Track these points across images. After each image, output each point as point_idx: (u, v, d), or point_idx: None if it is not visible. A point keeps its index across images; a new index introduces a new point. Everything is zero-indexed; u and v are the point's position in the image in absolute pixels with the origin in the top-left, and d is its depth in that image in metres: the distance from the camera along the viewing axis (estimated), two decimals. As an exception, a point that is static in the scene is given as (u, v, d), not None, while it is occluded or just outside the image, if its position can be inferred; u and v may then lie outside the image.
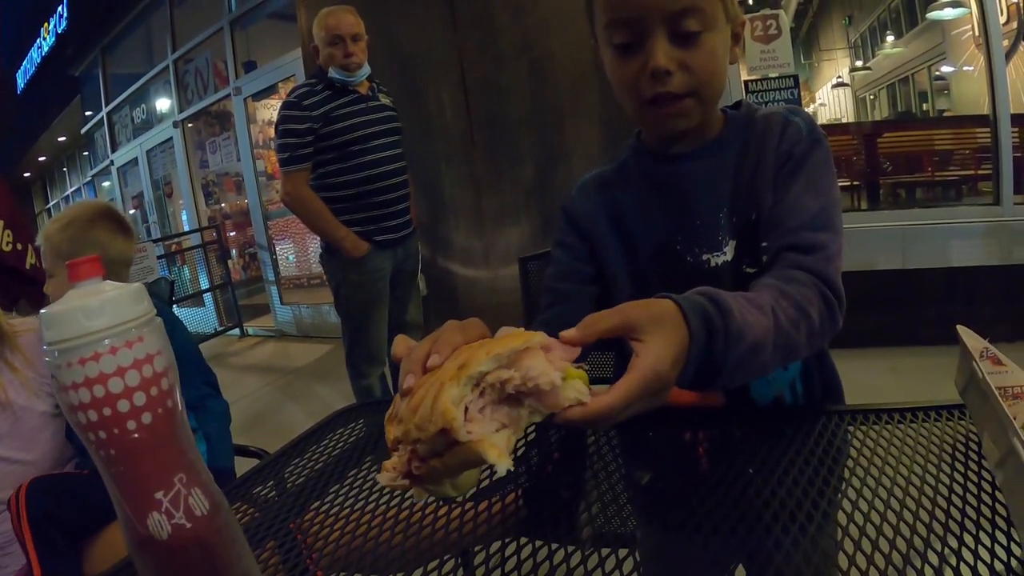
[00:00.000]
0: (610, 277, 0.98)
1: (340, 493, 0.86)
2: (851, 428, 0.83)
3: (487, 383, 0.54)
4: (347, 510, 0.81)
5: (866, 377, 2.94)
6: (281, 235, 6.22)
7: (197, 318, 6.70)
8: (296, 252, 6.16)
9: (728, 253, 0.90)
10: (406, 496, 0.81)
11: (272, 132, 6.32)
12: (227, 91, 6.35)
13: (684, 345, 0.61)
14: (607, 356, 1.44)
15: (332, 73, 2.65)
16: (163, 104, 7.86)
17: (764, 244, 0.87)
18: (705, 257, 0.91)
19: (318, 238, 2.79)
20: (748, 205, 0.89)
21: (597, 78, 3.99)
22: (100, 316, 0.48)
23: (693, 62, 0.81)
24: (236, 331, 6.59)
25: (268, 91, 6.23)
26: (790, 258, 0.81)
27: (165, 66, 7.32)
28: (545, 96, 4.17)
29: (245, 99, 6.18)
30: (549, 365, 0.55)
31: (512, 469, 0.51)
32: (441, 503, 0.79)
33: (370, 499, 0.83)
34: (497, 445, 0.52)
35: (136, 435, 0.49)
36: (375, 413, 1.16)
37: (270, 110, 6.57)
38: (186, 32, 7.04)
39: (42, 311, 0.48)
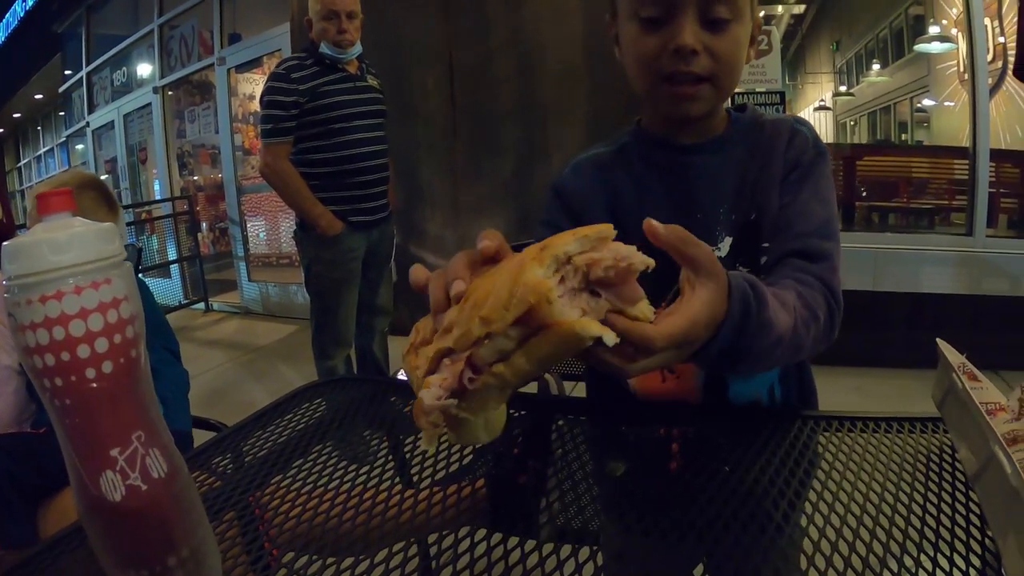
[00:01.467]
0: None
1: (303, 469, 0.84)
2: (826, 434, 0.84)
3: (573, 266, 0.49)
4: (309, 486, 0.80)
5: (832, 394, 2.94)
6: (253, 211, 6.11)
7: (162, 289, 6.57)
8: (267, 229, 6.06)
9: (723, 249, 0.90)
10: (372, 475, 0.79)
11: (253, 106, 6.26)
12: (211, 60, 6.22)
13: (721, 315, 0.60)
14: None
15: (323, 48, 2.61)
16: (144, 69, 7.67)
17: (765, 245, 0.87)
18: None
19: (291, 216, 2.77)
20: (750, 205, 0.89)
21: (586, 76, 4.00)
22: (67, 251, 0.45)
23: (718, 48, 0.81)
24: (201, 305, 6.48)
25: (252, 64, 6.13)
26: (798, 264, 0.82)
27: (150, 30, 7.13)
28: (532, 91, 4.17)
29: (228, 70, 6.07)
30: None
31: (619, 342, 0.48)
32: (401, 488, 0.77)
33: (334, 476, 0.81)
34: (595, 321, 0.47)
35: (94, 384, 0.46)
36: (339, 392, 1.14)
37: (252, 84, 6.47)
38: None
39: (4, 243, 0.45)
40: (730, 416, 0.92)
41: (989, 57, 4.77)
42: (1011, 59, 3.64)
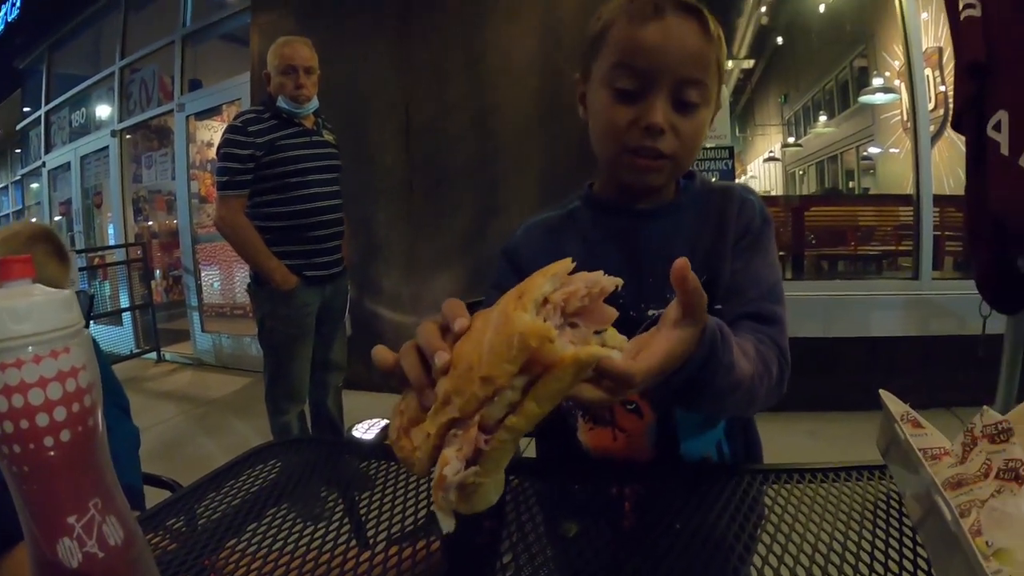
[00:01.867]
0: None
1: (257, 532, 0.82)
2: (774, 487, 0.85)
3: (552, 305, 0.50)
4: (264, 550, 0.78)
5: (786, 440, 2.99)
6: (208, 260, 6.02)
7: (114, 337, 6.43)
8: (222, 279, 5.96)
9: None
10: (327, 536, 0.78)
11: (210, 154, 6.23)
12: (170, 106, 6.20)
13: (690, 351, 0.63)
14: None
15: (280, 103, 2.63)
16: (103, 111, 7.59)
17: (719, 307, 0.90)
18: (651, 312, 0.93)
19: (246, 267, 2.73)
20: (700, 269, 0.91)
21: (541, 133, 4.07)
22: (27, 320, 0.45)
23: (684, 129, 0.86)
24: (153, 355, 6.33)
25: (211, 111, 6.11)
26: (752, 325, 0.86)
27: (111, 72, 7.09)
28: (488, 147, 4.22)
29: (188, 117, 6.05)
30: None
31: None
32: (357, 550, 0.76)
33: (288, 539, 0.80)
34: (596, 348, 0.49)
35: (52, 453, 0.46)
36: (293, 453, 1.12)
37: (211, 131, 6.44)
38: (137, 41, 6.86)
39: (-34, 309, 0.45)
40: (681, 473, 0.93)
41: (931, 105, 4.99)
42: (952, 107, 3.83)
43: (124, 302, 6.60)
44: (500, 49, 4.20)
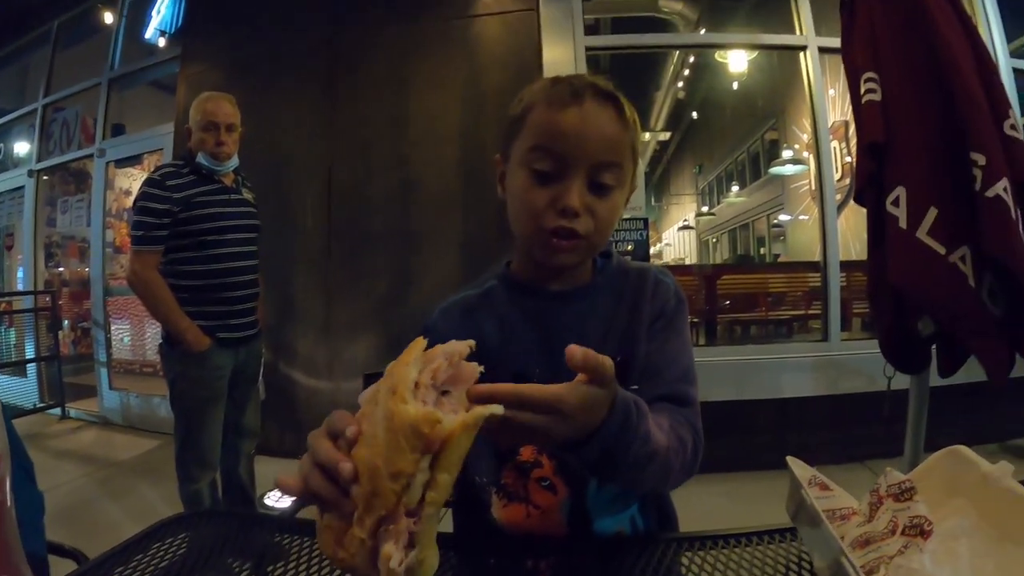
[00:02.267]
0: None
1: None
2: (688, 554, 0.86)
3: (423, 385, 0.56)
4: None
5: (704, 502, 3.02)
6: (119, 314, 5.74)
7: (16, 389, 6.05)
8: (133, 335, 5.67)
9: None
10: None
11: (128, 202, 6.04)
12: (91, 150, 5.96)
13: (601, 412, 0.68)
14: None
15: (200, 159, 2.59)
16: (22, 148, 7.26)
17: (635, 387, 0.91)
18: None
19: (159, 324, 2.63)
20: (615, 349, 0.94)
21: (461, 203, 4.13)
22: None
23: (599, 210, 0.89)
24: (57, 410, 5.97)
25: (132, 159, 5.94)
26: (668, 407, 0.89)
27: (34, 109, 6.78)
28: (408, 215, 4.24)
29: (108, 163, 5.85)
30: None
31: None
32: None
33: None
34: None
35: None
36: (204, 525, 1.07)
37: (130, 179, 6.26)
38: (63, 79, 6.60)
39: None
40: (596, 545, 0.93)
41: (838, 175, 5.30)
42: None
43: (29, 352, 6.19)
44: (424, 117, 4.25)
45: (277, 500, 3.49)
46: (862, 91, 1.98)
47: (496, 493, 0.96)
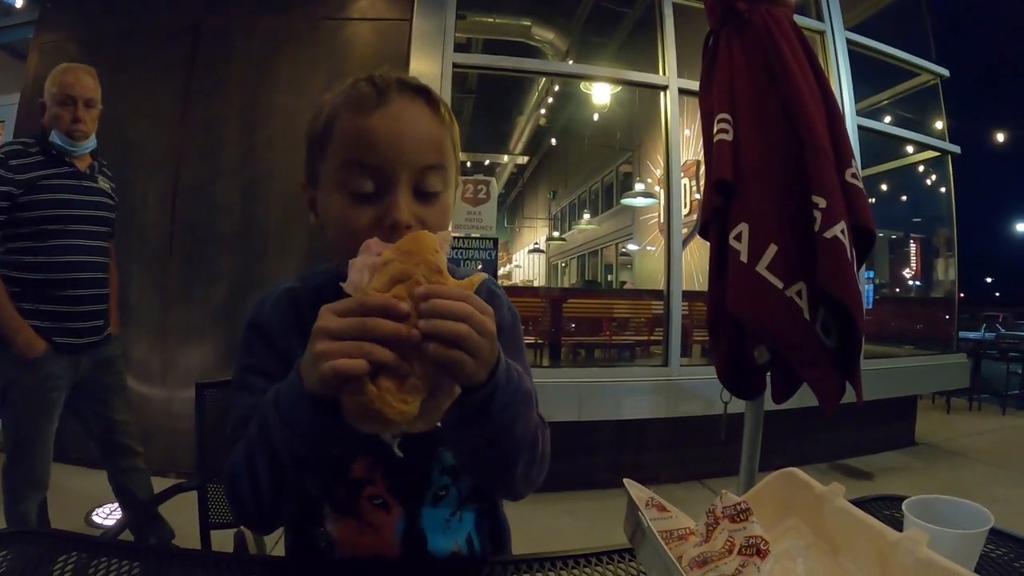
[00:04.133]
0: None
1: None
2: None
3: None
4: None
5: (546, 520, 3.09)
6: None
7: None
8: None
9: None
10: None
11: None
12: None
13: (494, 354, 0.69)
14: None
15: (53, 137, 2.32)
16: None
17: None
18: None
19: None
20: None
21: (310, 210, 4.00)
22: None
23: (430, 219, 0.82)
24: None
25: (-29, 128, 5.28)
26: None
27: None
28: (256, 217, 4.06)
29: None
30: None
31: None
32: None
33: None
34: None
35: None
36: (28, 544, 0.93)
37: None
38: None
39: None
40: (431, 570, 0.91)
41: (686, 211, 5.61)
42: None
43: None
44: (281, 117, 4.09)
45: (105, 517, 3.18)
46: (715, 131, 2.08)
47: (329, 505, 0.90)
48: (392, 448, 0.86)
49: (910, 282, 11.39)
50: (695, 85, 2.64)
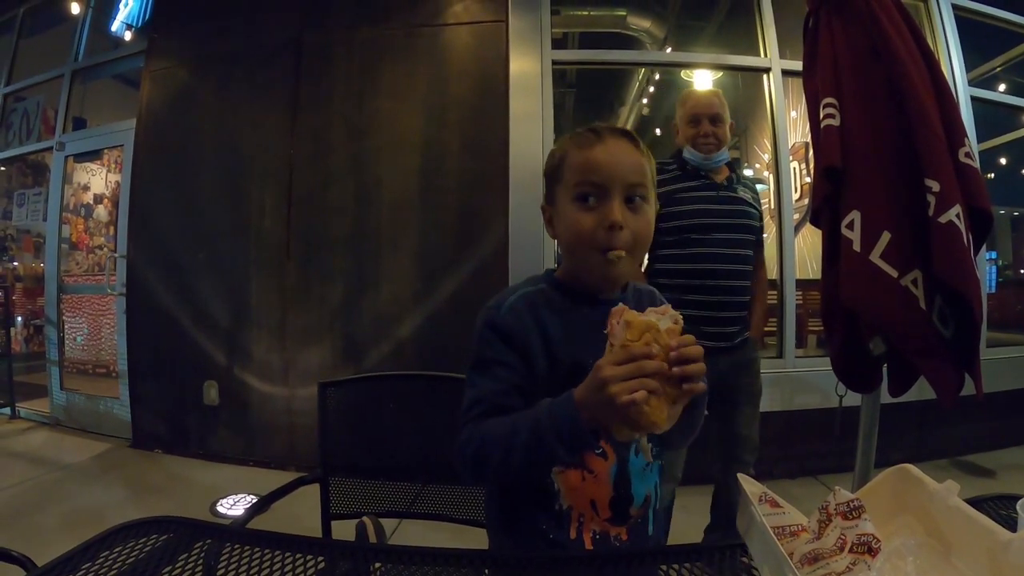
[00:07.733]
0: (532, 387, 1.09)
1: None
2: (662, 568, 0.90)
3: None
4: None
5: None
6: (73, 312, 5.57)
7: (-34, 387, 5.82)
8: (87, 334, 5.50)
9: None
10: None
11: (86, 197, 5.91)
12: (50, 143, 5.80)
13: None
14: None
15: (686, 154, 2.60)
16: (-20, 138, 7.05)
17: None
18: None
19: (115, 322, 2.48)
20: None
21: (419, 210, 4.13)
22: None
23: (636, 225, 1.08)
24: (7, 410, 5.79)
25: (92, 154, 5.80)
26: None
27: None
28: (367, 220, 4.22)
29: (67, 157, 5.71)
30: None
31: None
32: None
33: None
34: None
35: None
36: (154, 532, 1.04)
37: (89, 174, 6.12)
38: (26, 69, 6.40)
39: None
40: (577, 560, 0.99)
41: (796, 195, 5.38)
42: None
43: (-20, 348, 6.02)
44: (387, 123, 4.24)
45: (230, 508, 3.44)
46: (821, 116, 2.02)
47: None
48: (646, 453, 1.12)
49: (1036, 262, 10.43)
50: (798, 65, 2.55)
